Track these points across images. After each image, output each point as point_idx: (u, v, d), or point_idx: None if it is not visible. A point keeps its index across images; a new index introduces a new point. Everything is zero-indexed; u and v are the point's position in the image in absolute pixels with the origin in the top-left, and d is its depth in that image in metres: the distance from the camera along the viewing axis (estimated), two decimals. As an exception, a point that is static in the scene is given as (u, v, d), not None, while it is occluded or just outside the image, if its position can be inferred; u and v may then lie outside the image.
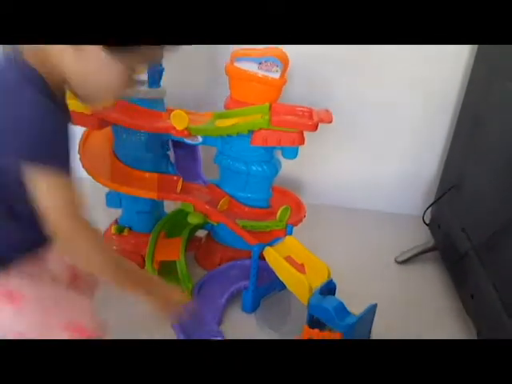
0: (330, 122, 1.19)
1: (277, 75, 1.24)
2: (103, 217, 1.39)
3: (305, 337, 1.06)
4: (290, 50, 1.23)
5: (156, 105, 1.26)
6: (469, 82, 1.45)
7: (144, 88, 1.25)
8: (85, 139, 1.29)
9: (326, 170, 1.76)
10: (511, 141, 1.11)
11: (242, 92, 1.29)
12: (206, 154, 1.39)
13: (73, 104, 1.18)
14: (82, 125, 1.20)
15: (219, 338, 1.09)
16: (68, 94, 0.71)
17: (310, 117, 1.20)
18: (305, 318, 1.06)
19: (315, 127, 1.16)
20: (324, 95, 1.53)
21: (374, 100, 1.61)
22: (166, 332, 1.10)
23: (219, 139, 1.25)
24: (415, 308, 1.32)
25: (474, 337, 1.14)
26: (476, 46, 1.44)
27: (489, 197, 1.18)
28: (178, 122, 1.18)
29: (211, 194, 1.33)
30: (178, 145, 1.33)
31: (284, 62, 1.24)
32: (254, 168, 1.27)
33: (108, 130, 1.26)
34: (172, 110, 1.21)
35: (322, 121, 1.17)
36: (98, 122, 1.18)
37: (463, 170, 1.36)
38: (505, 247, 1.07)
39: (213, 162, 1.32)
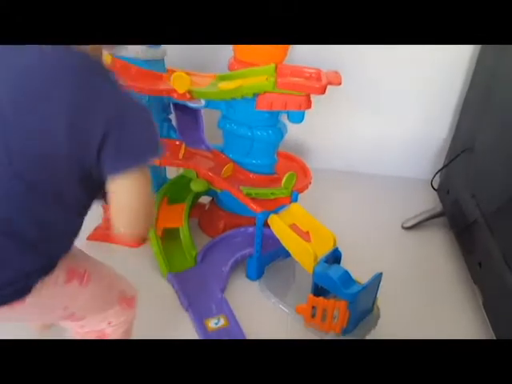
0: (339, 84, 1.14)
1: (283, 34, 1.18)
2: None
3: (309, 305, 1.05)
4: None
5: (156, 65, 1.20)
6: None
7: (143, 48, 1.19)
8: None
9: (333, 134, 1.71)
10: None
11: (246, 52, 1.23)
12: (208, 118, 1.34)
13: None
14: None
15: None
16: None
17: (318, 79, 1.14)
18: (309, 285, 1.05)
19: (323, 90, 1.10)
20: (333, 56, 1.46)
21: (383, 61, 1.54)
22: (172, 304, 1.11)
23: (223, 102, 1.20)
24: (421, 275, 1.31)
25: (479, 306, 1.13)
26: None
27: (501, 162, 1.14)
28: (180, 84, 1.13)
29: (214, 159, 1.29)
30: (180, 108, 1.28)
31: (291, 20, 1.18)
32: (258, 133, 1.22)
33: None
34: (173, 71, 1.15)
35: (330, 83, 1.12)
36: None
37: (475, 134, 1.31)
38: (516, 216, 1.04)
39: (216, 127, 1.28)
